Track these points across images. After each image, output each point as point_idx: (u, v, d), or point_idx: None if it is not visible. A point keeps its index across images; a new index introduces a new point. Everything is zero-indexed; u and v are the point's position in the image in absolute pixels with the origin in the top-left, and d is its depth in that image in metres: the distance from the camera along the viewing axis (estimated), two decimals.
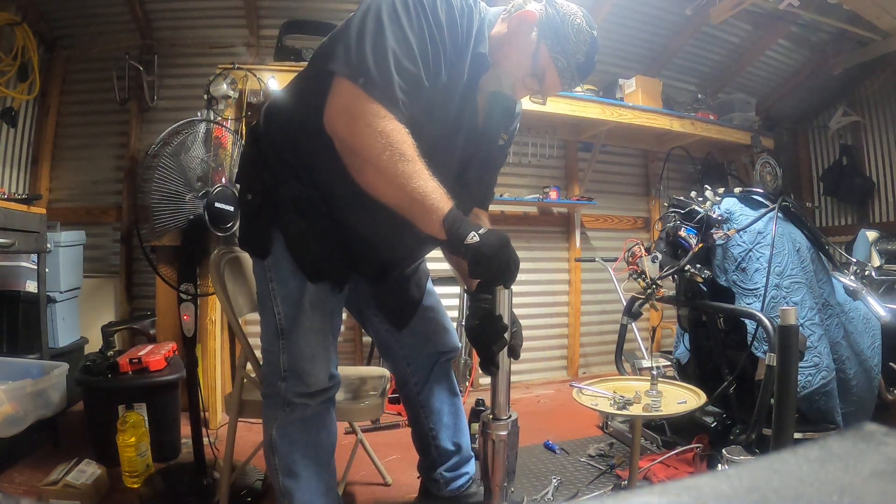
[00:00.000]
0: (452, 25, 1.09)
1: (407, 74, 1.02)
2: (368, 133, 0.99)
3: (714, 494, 0.23)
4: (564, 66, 1.14)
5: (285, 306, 1.22)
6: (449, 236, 0.99)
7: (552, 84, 1.18)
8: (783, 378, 1.33)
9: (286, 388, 1.23)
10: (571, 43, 1.12)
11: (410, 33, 1.03)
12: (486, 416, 1.05)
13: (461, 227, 0.99)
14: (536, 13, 1.13)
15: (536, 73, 1.15)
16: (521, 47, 1.14)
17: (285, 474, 1.26)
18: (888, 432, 0.27)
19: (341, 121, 1.02)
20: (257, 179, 1.21)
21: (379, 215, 1.11)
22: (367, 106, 0.99)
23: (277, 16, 3.00)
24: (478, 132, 1.25)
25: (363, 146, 1.00)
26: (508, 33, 1.15)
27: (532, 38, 1.13)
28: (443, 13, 1.07)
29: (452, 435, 1.51)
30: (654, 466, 1.83)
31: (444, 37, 1.07)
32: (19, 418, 1.72)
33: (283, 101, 1.23)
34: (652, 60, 3.76)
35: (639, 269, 1.71)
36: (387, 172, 0.99)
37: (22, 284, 2.37)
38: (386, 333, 1.50)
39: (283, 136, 1.20)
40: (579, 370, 3.57)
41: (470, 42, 1.12)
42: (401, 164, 0.98)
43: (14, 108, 2.77)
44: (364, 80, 0.99)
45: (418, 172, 0.99)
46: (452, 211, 1.00)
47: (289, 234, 1.19)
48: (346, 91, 1.01)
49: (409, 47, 1.02)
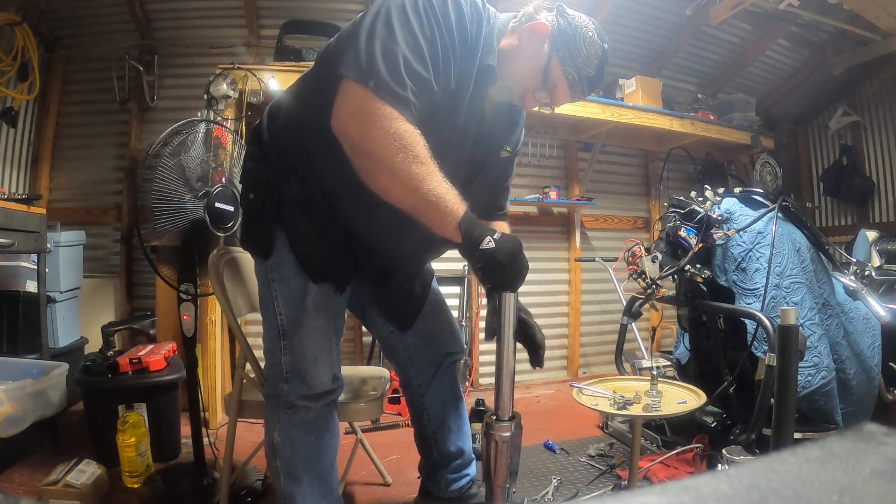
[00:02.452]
0: (462, 31, 1.07)
1: (417, 78, 1.01)
2: (381, 135, 0.97)
3: (714, 494, 0.23)
4: (575, 80, 1.13)
5: (287, 307, 1.21)
6: (465, 240, 0.98)
7: (562, 96, 1.18)
8: (783, 378, 1.33)
9: (288, 390, 1.22)
10: (583, 56, 1.11)
11: (421, 37, 1.01)
12: (489, 418, 1.05)
13: (476, 230, 0.98)
14: (549, 25, 1.12)
15: (547, 86, 1.14)
16: (533, 60, 1.13)
17: (287, 477, 1.25)
18: (888, 432, 0.27)
19: (352, 124, 1.00)
20: (260, 179, 1.20)
21: (383, 217, 1.11)
22: (378, 108, 0.97)
23: (277, 16, 3.00)
24: (484, 142, 1.24)
25: (376, 148, 0.98)
26: (520, 45, 1.14)
27: (544, 51, 1.12)
28: (453, 18, 1.05)
29: (455, 438, 1.50)
30: (654, 466, 1.83)
31: (454, 42, 1.06)
32: (19, 418, 1.72)
33: (288, 102, 1.22)
34: (652, 60, 3.76)
35: (639, 269, 1.71)
36: (401, 175, 0.97)
37: (22, 284, 2.38)
38: (390, 335, 1.49)
39: (287, 136, 1.19)
40: (579, 370, 3.57)
41: (478, 50, 1.11)
42: (414, 166, 0.96)
43: (14, 108, 2.77)
44: (374, 83, 0.98)
45: (432, 174, 0.98)
46: (467, 214, 0.99)
47: (291, 234, 1.18)
48: (355, 94, 0.99)
49: (419, 51, 1.01)
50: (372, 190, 1.04)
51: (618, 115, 3.14)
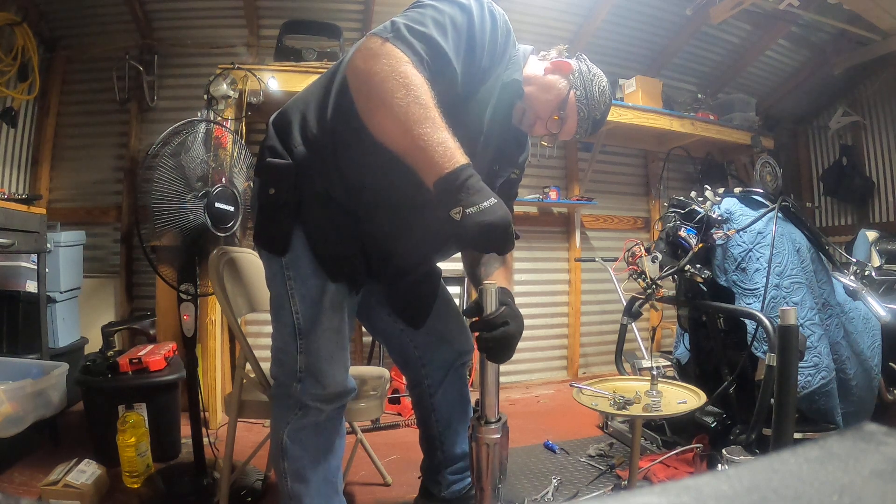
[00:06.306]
0: (493, 35, 1.11)
1: (437, 47, 1.01)
2: (387, 71, 0.94)
3: (714, 494, 0.23)
4: (584, 117, 1.24)
5: (304, 305, 1.20)
6: (437, 202, 0.92)
7: (570, 129, 1.26)
8: (783, 378, 1.33)
9: (301, 390, 1.21)
10: (595, 99, 1.24)
11: (450, 24, 1.04)
12: (474, 421, 1.03)
13: (451, 195, 0.90)
14: (572, 66, 1.24)
15: (561, 116, 1.23)
16: (555, 90, 1.22)
17: (294, 479, 1.25)
18: (888, 432, 0.27)
19: (359, 57, 0.99)
20: (282, 174, 1.17)
21: (405, 213, 1.13)
22: (389, 49, 0.96)
23: (277, 16, 3.00)
24: (499, 158, 1.29)
25: (378, 82, 0.95)
26: (544, 75, 1.23)
27: (565, 85, 1.22)
28: (487, 25, 1.10)
29: (461, 441, 1.49)
30: (654, 466, 1.83)
31: (483, 41, 1.09)
32: (19, 418, 1.72)
33: (318, 94, 1.20)
34: (652, 60, 3.76)
35: (639, 269, 1.71)
36: (397, 112, 0.93)
37: (22, 284, 2.38)
38: (401, 334, 1.47)
39: (315, 129, 1.17)
40: (579, 370, 3.57)
41: (502, 63, 1.15)
42: (414, 107, 0.93)
43: (14, 108, 2.77)
44: (393, 36, 0.98)
45: (430, 119, 0.93)
46: (452, 174, 0.90)
47: (311, 231, 1.17)
48: (370, 41, 0.99)
49: (443, 29, 1.03)
50: (370, 130, 1.00)
51: (618, 115, 3.13)
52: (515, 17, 3.11)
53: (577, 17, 3.37)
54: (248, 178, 1.80)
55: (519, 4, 3.14)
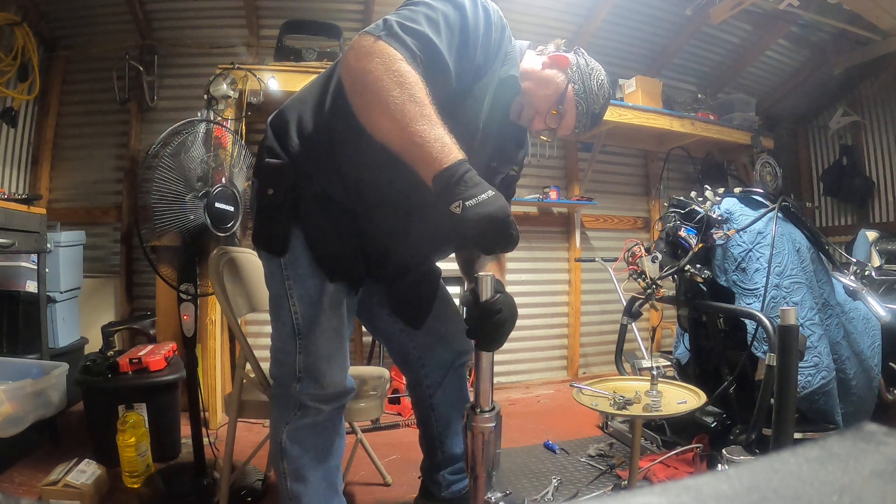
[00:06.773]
0: (487, 32, 1.11)
1: (430, 43, 1.01)
2: (381, 69, 0.94)
3: (714, 494, 0.23)
4: (583, 112, 1.23)
5: (303, 305, 1.20)
6: (437, 197, 0.92)
7: (568, 124, 1.24)
8: (783, 378, 1.33)
9: (300, 390, 1.21)
10: (594, 93, 1.23)
11: (443, 20, 1.03)
12: (469, 410, 1.03)
13: (451, 189, 0.89)
14: (570, 60, 1.23)
15: (560, 111, 1.22)
16: (553, 85, 1.21)
17: (294, 479, 1.25)
18: (888, 432, 0.27)
19: (352, 55, 0.99)
20: (281, 175, 1.18)
21: (404, 213, 1.12)
22: (382, 47, 0.96)
23: (277, 16, 3.00)
24: (498, 154, 1.27)
25: (373, 80, 0.95)
26: (542, 70, 1.22)
27: (563, 79, 1.21)
28: (481, 20, 1.09)
29: (461, 441, 1.50)
30: (654, 466, 1.83)
31: (477, 38, 1.08)
32: (19, 418, 1.72)
33: (316, 94, 1.20)
34: (652, 60, 3.76)
35: (639, 269, 1.71)
36: (393, 110, 0.93)
37: (22, 284, 2.38)
38: (400, 334, 1.47)
39: (314, 128, 1.17)
40: (579, 370, 3.57)
41: (497, 59, 1.14)
42: (409, 105, 0.93)
43: (14, 108, 2.77)
44: (385, 33, 0.98)
45: (426, 116, 0.93)
46: (450, 169, 0.90)
47: (310, 231, 1.18)
48: (363, 39, 0.99)
49: (436, 26, 1.02)
50: (367, 128, 1.00)
51: (618, 115, 3.13)
52: (515, 17, 3.12)
53: (577, 17, 3.37)
54: (248, 178, 1.80)
55: (519, 4, 3.14)
